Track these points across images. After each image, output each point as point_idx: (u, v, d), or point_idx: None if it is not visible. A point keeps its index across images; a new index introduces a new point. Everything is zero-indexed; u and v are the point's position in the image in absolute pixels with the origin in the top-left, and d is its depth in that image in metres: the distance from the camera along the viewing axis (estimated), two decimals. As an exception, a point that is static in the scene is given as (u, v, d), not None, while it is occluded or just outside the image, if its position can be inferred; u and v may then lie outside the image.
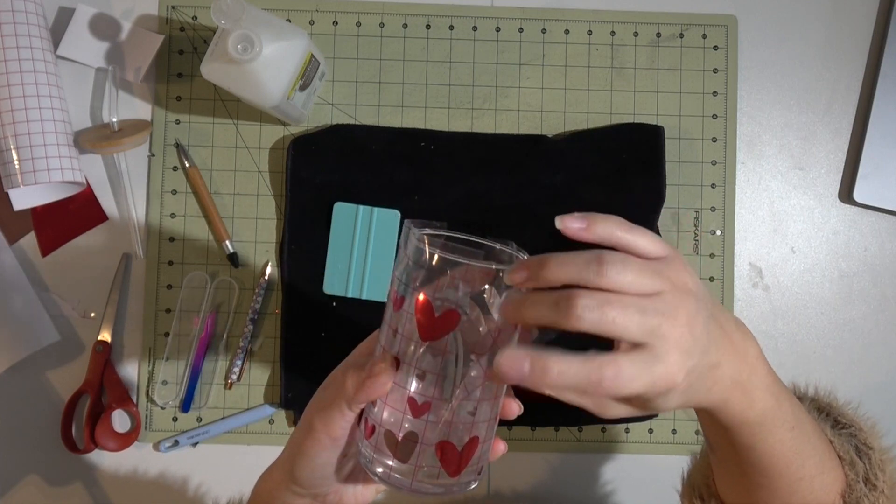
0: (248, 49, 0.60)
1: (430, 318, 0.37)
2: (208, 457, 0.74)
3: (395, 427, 0.39)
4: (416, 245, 0.37)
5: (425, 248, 0.37)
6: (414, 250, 0.38)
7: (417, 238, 0.37)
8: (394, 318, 0.39)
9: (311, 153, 0.74)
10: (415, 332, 0.37)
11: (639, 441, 0.75)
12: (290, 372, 0.73)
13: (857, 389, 0.77)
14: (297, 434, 0.42)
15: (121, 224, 0.75)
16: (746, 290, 0.77)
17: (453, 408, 0.38)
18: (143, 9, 0.75)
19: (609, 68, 0.77)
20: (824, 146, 0.78)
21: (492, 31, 0.77)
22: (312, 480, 0.42)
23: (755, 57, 0.78)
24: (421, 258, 0.37)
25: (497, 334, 0.37)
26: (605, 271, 0.35)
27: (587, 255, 0.35)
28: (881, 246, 0.77)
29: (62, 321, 0.74)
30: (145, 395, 0.74)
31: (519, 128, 0.76)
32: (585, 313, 0.33)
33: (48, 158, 0.67)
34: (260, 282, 0.74)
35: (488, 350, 0.37)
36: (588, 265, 0.35)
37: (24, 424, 0.74)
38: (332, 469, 0.42)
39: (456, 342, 0.37)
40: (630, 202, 0.74)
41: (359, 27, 0.76)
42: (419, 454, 0.38)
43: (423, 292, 0.37)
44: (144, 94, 0.75)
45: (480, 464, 0.40)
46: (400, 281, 0.38)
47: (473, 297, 0.37)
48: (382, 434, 0.39)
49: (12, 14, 0.68)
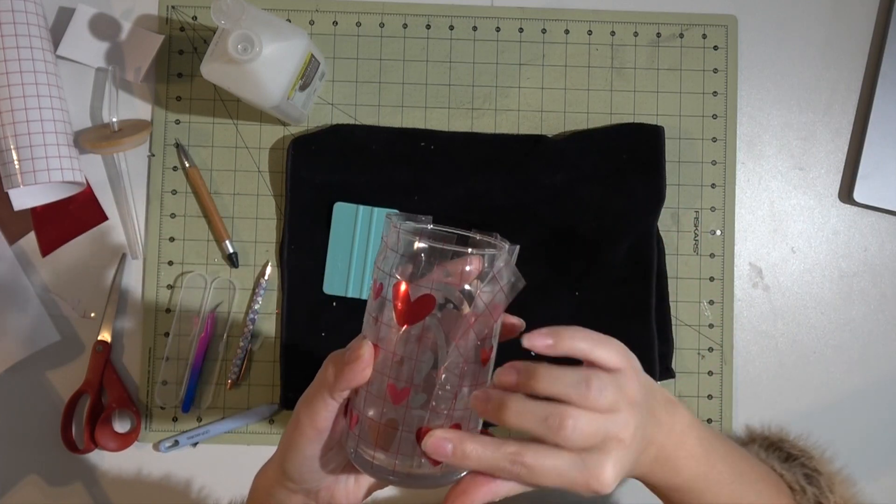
0: (248, 49, 0.60)
1: (407, 302, 0.37)
2: (208, 457, 0.74)
3: (377, 415, 0.39)
4: (393, 233, 0.38)
5: (400, 236, 0.38)
6: (391, 239, 0.39)
7: (394, 227, 0.39)
8: (374, 306, 0.39)
9: (311, 153, 0.74)
10: (393, 318, 0.38)
11: (639, 441, 0.75)
12: (290, 372, 0.73)
13: (857, 389, 0.77)
14: (286, 429, 0.43)
15: (121, 224, 0.75)
16: (746, 290, 0.77)
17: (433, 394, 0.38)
18: (143, 9, 0.75)
19: (609, 68, 0.77)
20: (824, 146, 0.78)
21: (492, 31, 0.77)
22: (302, 474, 0.43)
23: (755, 57, 0.78)
24: (397, 246, 0.38)
25: (474, 319, 0.38)
26: (591, 395, 0.38)
27: (576, 375, 0.38)
28: (881, 246, 0.77)
29: (62, 321, 0.74)
30: (145, 395, 0.74)
31: (519, 128, 0.76)
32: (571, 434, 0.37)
33: (48, 158, 0.67)
34: (260, 282, 0.74)
35: (467, 335, 0.38)
36: (577, 386, 0.38)
37: (24, 424, 0.74)
38: (321, 462, 0.42)
39: (433, 327, 0.38)
40: (630, 202, 0.74)
41: (359, 27, 0.76)
42: (400, 442, 0.38)
43: (400, 279, 0.38)
44: (144, 94, 0.75)
45: None
46: (379, 269, 0.39)
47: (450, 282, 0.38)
48: (365, 423, 0.39)
49: (12, 14, 0.68)
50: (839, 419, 0.76)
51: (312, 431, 0.41)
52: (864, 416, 0.77)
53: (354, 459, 0.40)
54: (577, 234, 0.73)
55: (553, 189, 0.74)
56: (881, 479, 0.77)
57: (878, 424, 0.77)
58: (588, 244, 0.73)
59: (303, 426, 0.41)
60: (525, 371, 0.38)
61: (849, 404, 0.77)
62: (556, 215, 0.74)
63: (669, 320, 0.75)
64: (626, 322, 0.73)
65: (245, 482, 0.77)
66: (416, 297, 0.37)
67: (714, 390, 0.76)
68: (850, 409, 0.77)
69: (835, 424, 0.76)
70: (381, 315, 0.39)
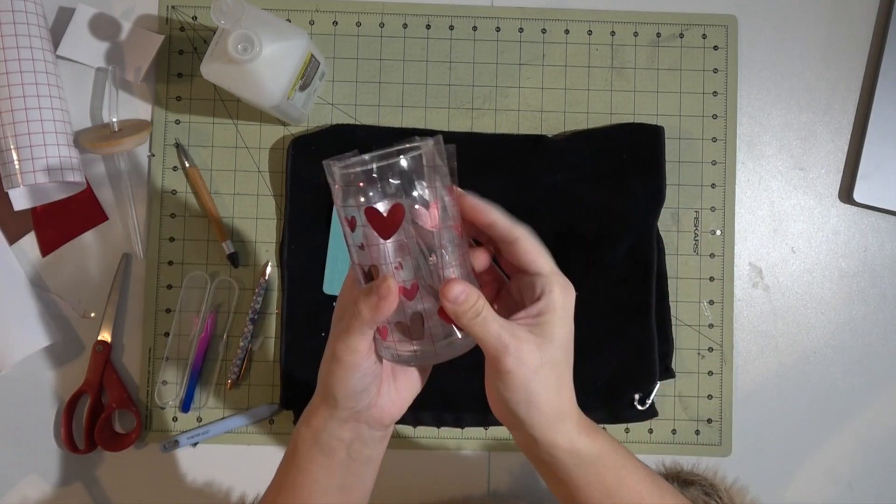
0: (248, 49, 0.60)
1: (381, 218, 0.42)
2: (208, 457, 0.74)
3: (401, 316, 0.44)
4: (334, 171, 0.43)
5: (336, 171, 0.43)
6: (338, 177, 0.43)
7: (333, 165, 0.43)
8: (355, 238, 0.44)
9: (311, 153, 0.74)
10: (375, 237, 0.43)
11: (638, 441, 0.75)
12: (290, 372, 0.73)
13: (857, 389, 0.77)
14: (325, 369, 0.47)
15: (121, 224, 0.75)
16: (746, 290, 0.77)
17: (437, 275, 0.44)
18: (143, 9, 0.75)
19: (609, 68, 0.77)
20: (824, 146, 0.78)
21: (492, 31, 0.77)
22: (356, 396, 0.46)
23: (755, 57, 0.78)
24: (346, 179, 0.43)
25: (437, 204, 0.43)
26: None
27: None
28: (881, 246, 0.77)
29: (62, 321, 0.74)
30: (145, 395, 0.74)
31: (519, 128, 0.76)
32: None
33: (48, 158, 0.68)
34: (260, 282, 0.74)
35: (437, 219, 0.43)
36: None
37: (25, 424, 0.74)
38: (367, 381, 0.46)
39: (410, 228, 0.43)
40: (630, 202, 0.74)
41: (359, 27, 0.76)
42: (429, 326, 0.44)
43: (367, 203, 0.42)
44: (144, 94, 0.75)
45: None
46: (343, 208, 0.43)
47: (402, 185, 0.42)
48: (394, 328, 0.45)
49: (12, 14, 0.68)
50: (839, 419, 0.76)
51: (355, 361, 0.44)
52: (865, 416, 0.77)
53: (399, 361, 0.45)
54: (577, 234, 0.73)
55: (553, 189, 0.74)
56: (881, 479, 0.77)
57: (878, 424, 0.77)
58: (588, 244, 0.73)
59: (344, 361, 0.44)
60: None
61: (849, 404, 0.77)
62: (556, 215, 0.74)
63: (669, 320, 0.75)
64: (626, 322, 0.73)
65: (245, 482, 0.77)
66: (387, 211, 0.42)
67: (714, 390, 0.76)
68: (850, 409, 0.77)
69: (835, 424, 0.76)
70: (364, 240, 0.43)
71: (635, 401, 0.74)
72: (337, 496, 0.50)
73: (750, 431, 0.76)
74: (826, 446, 0.77)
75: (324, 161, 0.43)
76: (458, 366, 0.48)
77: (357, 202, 0.42)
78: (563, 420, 0.46)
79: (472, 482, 0.75)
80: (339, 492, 0.50)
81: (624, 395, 0.74)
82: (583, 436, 0.47)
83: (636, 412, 0.74)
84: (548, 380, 0.44)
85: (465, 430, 0.75)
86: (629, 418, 0.75)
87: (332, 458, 0.49)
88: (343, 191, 0.43)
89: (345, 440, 0.48)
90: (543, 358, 0.44)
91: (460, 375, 0.66)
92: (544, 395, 0.44)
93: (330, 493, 0.49)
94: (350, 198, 0.43)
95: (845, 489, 0.76)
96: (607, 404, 0.74)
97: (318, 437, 0.48)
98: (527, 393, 0.44)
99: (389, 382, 0.49)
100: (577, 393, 0.49)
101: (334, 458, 0.49)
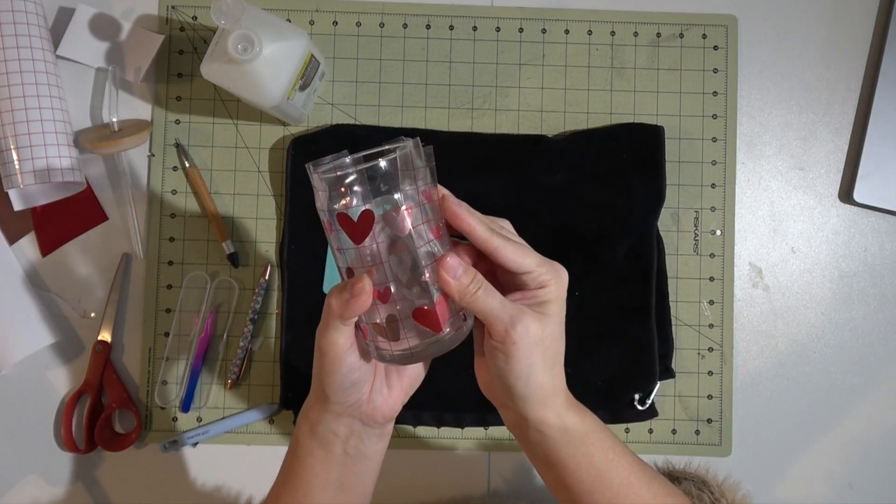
0: (248, 49, 0.60)
1: (351, 224, 0.43)
2: (208, 457, 0.74)
3: (376, 318, 0.45)
4: (313, 176, 0.44)
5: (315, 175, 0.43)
6: (315, 181, 0.44)
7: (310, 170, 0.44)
8: (333, 241, 0.45)
9: (311, 153, 0.74)
10: (349, 242, 0.43)
11: (638, 441, 0.75)
12: (290, 372, 0.73)
13: (857, 388, 0.77)
14: (314, 364, 0.47)
15: (121, 224, 0.75)
16: (746, 290, 0.77)
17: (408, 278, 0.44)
18: (143, 9, 0.75)
19: (609, 68, 0.77)
20: (824, 146, 0.78)
21: (492, 31, 0.77)
22: (344, 391, 0.47)
23: (755, 57, 0.78)
24: (322, 184, 0.43)
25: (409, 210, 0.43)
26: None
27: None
28: (881, 246, 0.77)
29: (62, 321, 0.74)
30: (145, 395, 0.74)
31: (519, 128, 0.76)
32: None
33: (48, 158, 0.68)
34: (260, 282, 0.74)
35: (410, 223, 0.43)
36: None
37: (24, 424, 0.74)
38: (356, 377, 0.47)
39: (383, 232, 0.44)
40: (630, 202, 0.74)
41: (359, 27, 0.76)
42: (404, 329, 0.45)
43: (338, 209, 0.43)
44: (144, 94, 0.75)
45: (459, 311, 0.46)
46: (322, 212, 0.44)
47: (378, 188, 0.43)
48: (372, 329, 0.45)
49: (12, 14, 0.68)
50: (839, 419, 0.76)
51: (337, 354, 0.45)
52: (864, 416, 0.77)
53: (380, 359, 0.46)
54: (577, 234, 0.73)
55: (553, 189, 0.74)
56: (882, 479, 0.77)
57: (878, 424, 0.77)
58: (588, 244, 0.73)
59: (327, 354, 0.45)
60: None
61: (849, 404, 0.77)
62: (556, 215, 0.74)
63: (669, 320, 0.75)
64: (626, 322, 0.73)
65: (245, 482, 0.77)
66: (357, 217, 0.43)
67: (714, 390, 0.76)
68: (850, 409, 0.77)
69: (835, 424, 0.76)
70: (340, 244, 0.44)
71: (635, 401, 0.74)
72: (336, 493, 0.50)
73: (750, 431, 0.76)
74: (826, 446, 0.77)
75: (305, 164, 0.44)
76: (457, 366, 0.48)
77: (330, 207, 0.43)
78: (554, 396, 0.47)
79: (471, 482, 0.75)
80: (337, 488, 0.50)
81: (624, 395, 0.74)
82: (571, 412, 0.48)
83: (636, 412, 0.74)
84: (546, 354, 0.46)
85: (465, 430, 0.75)
86: (629, 418, 0.75)
87: (329, 452, 0.49)
88: (321, 194, 0.44)
89: (340, 435, 0.49)
90: (544, 331, 0.45)
91: (460, 375, 0.66)
92: (542, 369, 0.46)
93: (329, 488, 0.50)
94: (327, 202, 0.44)
95: (845, 489, 0.77)
96: (607, 404, 0.74)
97: (314, 429, 0.49)
98: (528, 365, 0.45)
99: (382, 380, 0.50)
100: (577, 393, 0.49)
101: (331, 451, 0.49)
